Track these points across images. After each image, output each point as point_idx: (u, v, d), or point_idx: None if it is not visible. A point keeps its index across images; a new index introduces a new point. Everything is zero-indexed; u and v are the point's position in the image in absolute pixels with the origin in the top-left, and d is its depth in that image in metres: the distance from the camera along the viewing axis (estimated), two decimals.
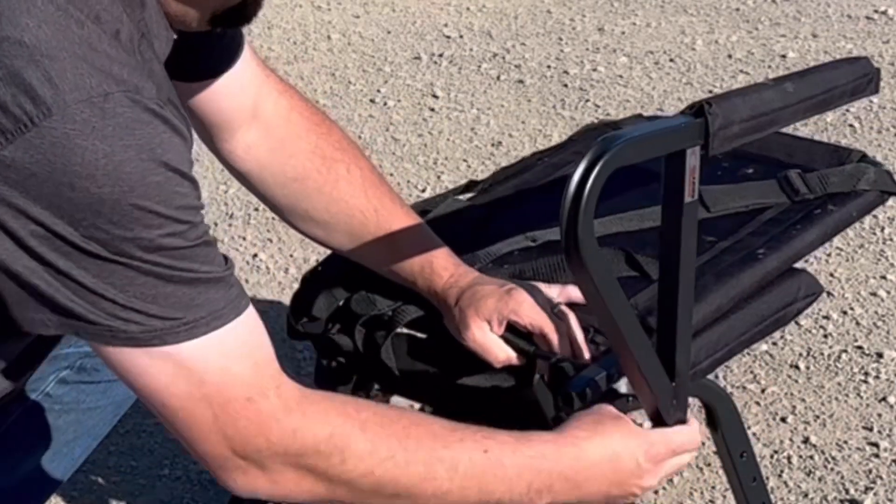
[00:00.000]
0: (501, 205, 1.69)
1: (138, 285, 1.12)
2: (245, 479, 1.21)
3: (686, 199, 1.22)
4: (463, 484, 1.26)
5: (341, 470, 1.22)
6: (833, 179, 1.65)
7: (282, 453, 1.20)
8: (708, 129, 1.20)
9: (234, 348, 1.17)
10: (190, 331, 1.14)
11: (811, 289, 1.57)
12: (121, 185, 1.08)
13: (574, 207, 1.12)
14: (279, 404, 1.19)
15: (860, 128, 3.24)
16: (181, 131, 1.15)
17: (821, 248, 2.74)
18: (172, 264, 1.13)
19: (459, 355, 1.47)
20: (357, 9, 4.17)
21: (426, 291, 1.50)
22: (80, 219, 1.09)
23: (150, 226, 1.11)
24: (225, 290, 1.17)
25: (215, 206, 3.05)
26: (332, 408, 1.22)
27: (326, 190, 1.52)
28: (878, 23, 3.85)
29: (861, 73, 1.40)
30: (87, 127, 1.08)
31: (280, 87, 1.53)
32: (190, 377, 1.15)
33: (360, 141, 3.31)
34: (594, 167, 1.13)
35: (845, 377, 2.37)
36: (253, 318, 1.19)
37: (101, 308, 1.12)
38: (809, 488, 2.12)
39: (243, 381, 1.17)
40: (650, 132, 1.19)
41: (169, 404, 1.17)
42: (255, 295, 2.70)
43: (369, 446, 1.22)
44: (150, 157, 1.10)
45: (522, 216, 1.65)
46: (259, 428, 1.18)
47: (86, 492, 2.17)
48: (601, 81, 3.57)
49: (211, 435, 1.18)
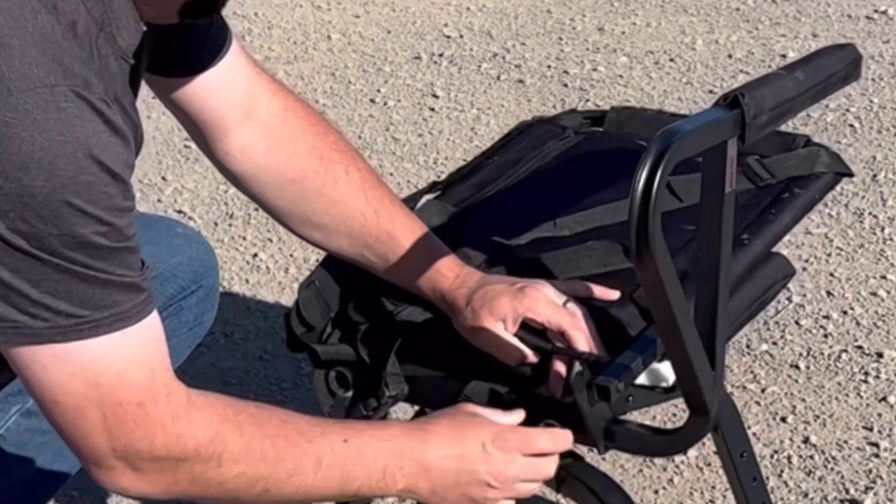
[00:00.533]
0: (471, 206, 1.68)
1: (53, 282, 1.12)
2: (119, 478, 1.22)
3: (727, 189, 1.26)
4: (326, 475, 1.29)
5: (216, 472, 1.24)
6: (791, 164, 1.67)
7: (163, 457, 1.21)
8: (744, 120, 1.23)
9: (132, 352, 1.18)
10: (92, 329, 1.15)
11: (788, 270, 1.61)
12: (53, 181, 1.09)
13: (644, 204, 1.16)
14: (167, 411, 1.21)
15: (860, 128, 3.24)
16: (123, 133, 1.15)
17: (820, 247, 2.74)
18: (90, 263, 1.13)
19: (465, 358, 1.47)
20: (357, 9, 4.17)
21: (430, 293, 1.50)
22: (8, 210, 1.09)
23: (75, 223, 1.11)
24: (134, 294, 1.17)
25: (215, 206, 3.05)
26: (215, 413, 1.25)
27: (325, 191, 1.51)
28: (878, 23, 3.85)
29: (851, 59, 1.43)
30: (27, 118, 1.08)
31: (273, 87, 1.51)
32: (87, 378, 1.16)
33: (359, 141, 3.31)
34: (659, 164, 1.16)
35: (845, 377, 2.37)
36: (155, 324, 1.21)
37: (12, 303, 1.13)
38: (809, 488, 2.12)
39: (137, 385, 1.19)
40: (701, 125, 1.22)
41: (61, 401, 1.18)
42: (255, 295, 2.70)
43: (245, 448, 1.25)
44: (86, 155, 1.10)
45: (498, 216, 1.65)
46: (145, 432, 1.20)
47: (86, 491, 2.17)
48: (601, 81, 3.57)
49: (96, 434, 1.19)
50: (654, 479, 2.16)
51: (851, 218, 2.86)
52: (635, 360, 1.37)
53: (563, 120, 1.83)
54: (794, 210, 1.63)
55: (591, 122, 1.84)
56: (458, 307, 1.46)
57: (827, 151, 1.71)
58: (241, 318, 2.62)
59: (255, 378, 2.42)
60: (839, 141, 3.17)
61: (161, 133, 3.38)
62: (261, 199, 1.54)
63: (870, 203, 2.91)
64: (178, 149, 3.32)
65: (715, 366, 1.33)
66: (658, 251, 1.18)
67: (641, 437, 1.43)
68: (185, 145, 3.31)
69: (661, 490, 2.14)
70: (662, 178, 1.16)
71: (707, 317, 1.31)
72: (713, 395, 1.34)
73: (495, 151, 1.78)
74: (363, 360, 1.49)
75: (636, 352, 1.39)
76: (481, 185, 1.70)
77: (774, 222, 1.59)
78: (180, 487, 1.25)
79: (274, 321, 2.60)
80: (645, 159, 1.16)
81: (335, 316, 1.53)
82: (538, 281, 1.46)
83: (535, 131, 1.81)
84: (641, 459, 2.19)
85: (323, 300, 1.53)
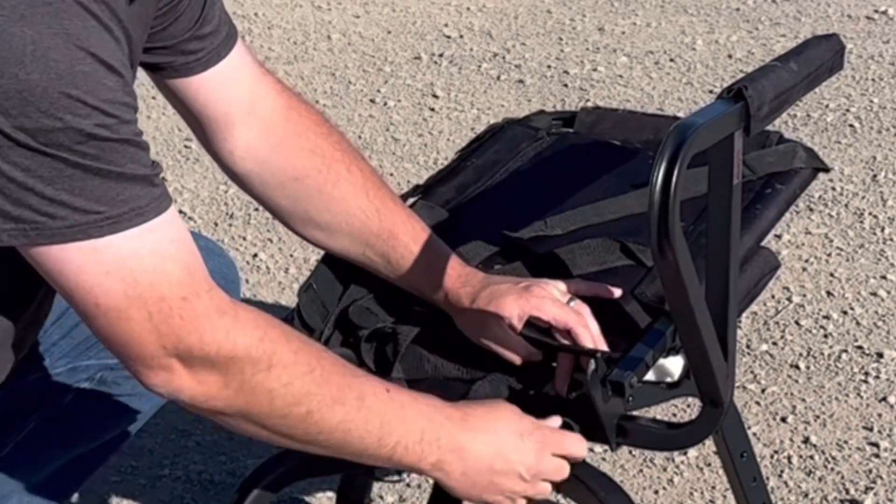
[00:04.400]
0: (458, 208, 1.68)
1: (66, 178, 1.13)
2: (170, 377, 1.21)
3: (734, 181, 1.27)
4: (367, 416, 1.27)
5: (266, 377, 1.23)
6: (770, 160, 1.69)
7: (213, 354, 1.20)
8: (749, 112, 1.24)
9: (165, 249, 1.18)
10: (112, 225, 1.15)
11: (774, 263, 1.62)
12: (49, 72, 1.09)
13: (664, 198, 1.16)
14: (212, 305, 1.20)
15: (860, 128, 3.24)
16: (112, 30, 1.15)
17: (820, 247, 2.74)
18: (100, 156, 1.13)
19: (469, 359, 1.47)
20: (357, 9, 4.17)
21: (432, 292, 1.50)
22: (10, 107, 1.09)
23: (78, 115, 1.11)
24: (149, 188, 1.18)
25: (215, 206, 3.05)
26: (260, 316, 1.24)
27: (327, 189, 1.51)
28: (878, 23, 3.85)
29: (836, 49, 1.44)
30: (14, 13, 1.09)
31: (277, 87, 1.52)
32: (123, 276, 1.16)
33: (359, 141, 3.31)
34: (677, 158, 1.17)
35: (845, 377, 2.37)
36: (179, 223, 1.21)
37: (28, 204, 1.13)
38: (809, 488, 2.12)
39: (177, 279, 1.18)
40: (712, 118, 1.23)
41: (102, 303, 1.17)
42: (255, 295, 2.70)
43: (293, 357, 1.24)
44: (78, 46, 1.11)
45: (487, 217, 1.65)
46: (193, 325, 1.19)
47: (86, 491, 2.17)
48: (601, 81, 3.57)
49: (144, 333, 1.18)
50: (654, 479, 2.16)
51: (851, 218, 2.86)
52: (647, 354, 1.38)
53: (534, 121, 1.84)
54: (778, 205, 1.64)
55: (562, 123, 1.84)
56: (462, 306, 1.46)
57: (802, 147, 1.73)
58: None
59: None
60: (839, 141, 3.17)
61: (161, 133, 3.39)
62: (263, 197, 1.54)
63: (870, 203, 2.91)
64: (178, 149, 3.32)
65: (727, 357, 1.34)
66: (678, 244, 1.19)
67: (654, 432, 1.43)
68: (185, 145, 3.31)
69: (661, 490, 2.14)
70: (680, 171, 1.16)
71: (719, 308, 1.32)
72: (727, 387, 1.35)
73: (471, 153, 1.79)
74: (364, 365, 1.49)
75: (647, 345, 1.39)
76: (462, 188, 1.71)
77: (761, 217, 1.60)
78: (230, 392, 1.23)
79: None
80: (662, 154, 1.17)
81: (336, 318, 1.53)
82: (542, 280, 1.46)
83: (507, 133, 1.82)
84: (642, 459, 2.19)
85: (321, 303, 1.53)
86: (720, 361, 1.33)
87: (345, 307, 1.52)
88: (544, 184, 1.71)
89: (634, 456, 2.20)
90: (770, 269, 1.61)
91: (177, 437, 2.29)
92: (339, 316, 1.52)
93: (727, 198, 1.28)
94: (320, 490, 2.16)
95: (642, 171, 1.68)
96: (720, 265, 1.31)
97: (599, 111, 1.88)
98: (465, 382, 1.45)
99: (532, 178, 1.73)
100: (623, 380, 1.34)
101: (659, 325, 1.42)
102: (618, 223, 1.59)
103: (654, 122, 1.85)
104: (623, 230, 1.56)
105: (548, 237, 1.57)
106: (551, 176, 1.73)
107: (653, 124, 1.83)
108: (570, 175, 1.72)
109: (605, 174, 1.70)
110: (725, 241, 1.30)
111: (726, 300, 1.32)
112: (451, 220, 1.64)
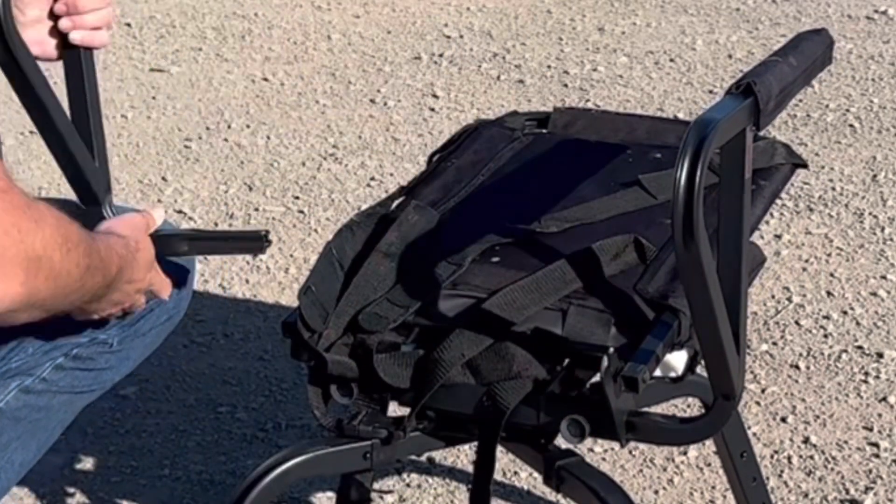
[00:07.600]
0: (450, 210, 1.68)
1: None
2: None
3: (746, 175, 1.29)
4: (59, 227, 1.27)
5: None
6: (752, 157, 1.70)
7: None
8: (759, 106, 1.26)
9: None
10: None
11: (761, 257, 1.64)
12: None
13: (688, 196, 1.18)
14: None
15: (860, 128, 3.24)
16: None
17: (820, 247, 2.74)
18: None
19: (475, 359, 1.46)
20: (357, 9, 4.17)
21: None
22: None
23: None
24: None
25: (215, 207, 3.05)
26: None
27: None
28: (878, 23, 3.85)
29: (827, 44, 1.46)
30: None
31: None
32: None
33: (359, 141, 3.32)
34: (700, 155, 1.18)
35: (845, 377, 2.37)
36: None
37: None
38: (809, 488, 2.12)
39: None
40: (728, 114, 1.24)
41: None
42: (255, 295, 2.70)
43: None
44: None
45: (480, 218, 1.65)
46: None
47: (86, 491, 2.17)
48: (601, 81, 3.57)
49: None
50: (654, 479, 2.16)
51: (851, 218, 2.86)
52: (658, 346, 1.38)
53: (508, 122, 1.84)
54: (764, 201, 1.66)
55: (536, 124, 1.85)
56: None
57: (780, 143, 1.74)
58: (241, 319, 2.62)
59: (255, 378, 2.42)
60: (839, 141, 3.17)
61: (161, 133, 3.38)
62: None
63: (870, 203, 2.91)
64: (178, 149, 3.32)
65: (739, 351, 1.35)
66: (702, 241, 1.21)
67: (666, 427, 1.42)
68: (185, 145, 3.31)
69: (661, 490, 2.14)
70: (703, 168, 1.18)
71: (732, 302, 1.34)
72: (740, 381, 1.36)
73: (450, 154, 1.79)
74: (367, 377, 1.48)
75: (657, 338, 1.39)
76: (446, 188, 1.71)
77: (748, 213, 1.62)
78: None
79: (274, 321, 2.60)
80: (685, 151, 1.18)
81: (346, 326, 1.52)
82: None
83: (483, 134, 1.82)
84: (641, 459, 2.19)
85: (321, 305, 1.53)
86: (734, 355, 1.34)
87: (345, 310, 1.52)
88: (535, 183, 1.72)
89: (634, 456, 2.20)
90: (758, 263, 1.62)
91: (177, 437, 2.29)
92: (345, 323, 1.51)
93: (739, 194, 1.29)
94: (320, 490, 2.16)
95: (628, 169, 1.69)
96: (732, 260, 1.33)
97: (573, 111, 1.88)
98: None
99: (520, 177, 1.73)
100: (637, 374, 1.33)
101: (666, 318, 1.42)
102: (610, 222, 1.59)
103: (628, 121, 1.86)
104: (620, 228, 1.56)
105: (545, 234, 1.57)
106: (542, 175, 1.73)
107: (627, 124, 1.83)
108: (558, 174, 1.73)
109: (593, 173, 1.70)
110: (738, 237, 1.31)
111: (738, 294, 1.33)
112: (443, 221, 1.64)
